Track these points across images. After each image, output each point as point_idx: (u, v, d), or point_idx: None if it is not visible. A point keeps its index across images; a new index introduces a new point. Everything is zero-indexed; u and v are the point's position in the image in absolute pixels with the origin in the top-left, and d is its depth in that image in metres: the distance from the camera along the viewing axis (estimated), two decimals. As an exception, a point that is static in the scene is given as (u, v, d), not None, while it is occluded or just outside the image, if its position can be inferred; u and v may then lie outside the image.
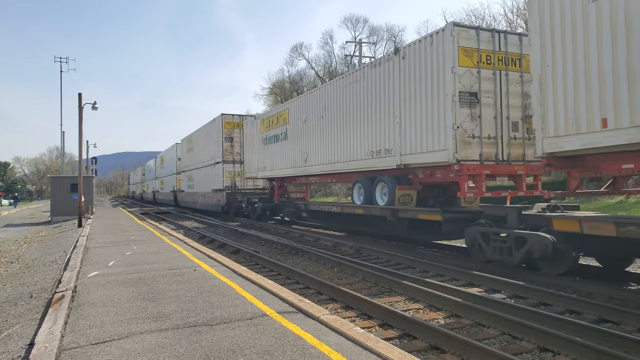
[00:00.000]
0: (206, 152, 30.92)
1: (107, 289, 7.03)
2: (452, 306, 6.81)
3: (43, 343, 4.65)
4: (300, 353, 4.20)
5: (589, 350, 4.85)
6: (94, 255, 10.76)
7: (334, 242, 14.27)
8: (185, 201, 37.53)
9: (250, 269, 9.42)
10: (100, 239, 14.23)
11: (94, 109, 24.51)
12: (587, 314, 6.49)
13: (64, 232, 19.77)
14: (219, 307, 5.84)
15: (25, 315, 6.27)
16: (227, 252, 13.08)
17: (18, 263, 12.49)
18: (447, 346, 5.24)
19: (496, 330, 5.88)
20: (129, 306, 5.98)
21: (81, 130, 22.76)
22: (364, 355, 4.15)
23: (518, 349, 5.26)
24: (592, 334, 5.39)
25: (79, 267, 9.06)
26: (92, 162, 51.63)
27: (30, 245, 17.05)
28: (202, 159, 31.80)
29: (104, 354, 4.29)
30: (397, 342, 5.52)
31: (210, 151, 29.82)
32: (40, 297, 7.30)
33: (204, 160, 31.37)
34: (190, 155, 35.94)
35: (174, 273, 8.22)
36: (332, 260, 10.88)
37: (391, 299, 7.59)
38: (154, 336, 4.76)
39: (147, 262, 9.55)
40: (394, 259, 11.21)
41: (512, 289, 7.89)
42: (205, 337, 4.69)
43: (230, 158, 27.55)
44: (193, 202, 34.62)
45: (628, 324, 6.00)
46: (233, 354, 4.21)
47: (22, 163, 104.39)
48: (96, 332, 4.93)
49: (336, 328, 4.86)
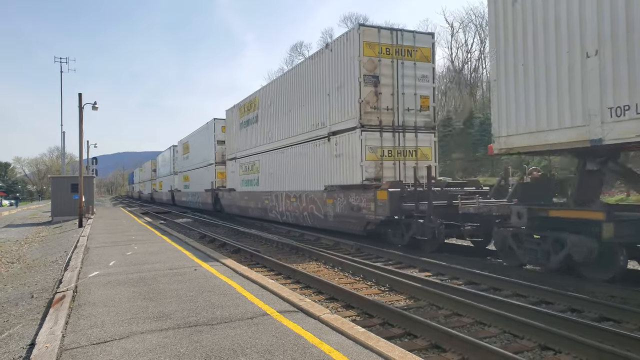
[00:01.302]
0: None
1: (108, 289, 7.03)
2: (452, 304, 6.81)
3: (44, 343, 4.65)
4: (301, 352, 4.20)
5: (591, 349, 4.84)
6: (95, 255, 10.77)
7: (335, 241, 14.27)
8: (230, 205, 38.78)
9: (251, 268, 9.43)
10: (101, 239, 14.24)
11: (94, 109, 24.52)
12: (588, 313, 6.49)
13: (64, 232, 19.78)
14: (219, 306, 5.84)
15: (26, 316, 6.27)
16: (227, 252, 13.09)
17: (19, 263, 12.50)
18: (448, 345, 5.23)
19: (497, 328, 5.87)
20: (130, 306, 5.98)
21: (81, 130, 22.77)
22: (365, 354, 4.15)
23: (519, 348, 5.25)
24: (594, 332, 5.38)
25: (79, 267, 9.07)
26: (93, 162, 51.60)
27: (31, 245, 17.06)
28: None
29: (105, 354, 4.29)
30: (398, 341, 5.52)
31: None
32: (41, 297, 7.30)
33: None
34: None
35: (174, 273, 8.22)
36: (333, 259, 10.88)
37: (392, 298, 7.59)
38: (154, 336, 4.76)
39: (148, 261, 9.55)
40: (394, 258, 11.21)
41: (513, 287, 7.88)
42: (206, 337, 4.69)
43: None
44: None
45: (629, 322, 5.99)
46: (234, 354, 4.21)
47: (23, 163, 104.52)
48: (97, 332, 4.93)
49: (337, 327, 4.86)
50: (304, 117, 17.53)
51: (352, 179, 14.14)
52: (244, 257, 12.17)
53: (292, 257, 12.14)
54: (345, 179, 14.50)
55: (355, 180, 13.89)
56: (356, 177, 13.91)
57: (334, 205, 14.88)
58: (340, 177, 14.84)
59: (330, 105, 15.47)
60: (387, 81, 14.14)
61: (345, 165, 14.59)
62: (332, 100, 15.32)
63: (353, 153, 14.07)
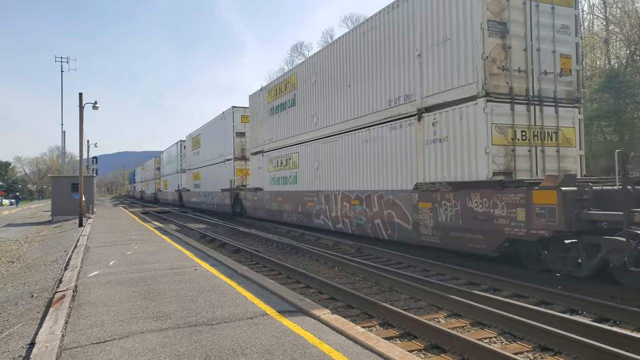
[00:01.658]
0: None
1: (107, 289, 7.04)
2: (452, 305, 6.81)
3: (44, 342, 4.65)
4: (301, 352, 4.20)
5: (590, 349, 4.84)
6: (95, 254, 10.77)
7: (335, 241, 14.27)
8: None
9: (250, 268, 9.44)
10: (101, 239, 14.24)
11: (94, 109, 24.54)
12: (587, 313, 6.49)
13: (64, 232, 19.78)
14: (219, 306, 5.84)
15: (26, 315, 6.27)
16: (227, 252, 13.09)
17: (19, 262, 12.50)
18: (448, 345, 5.23)
19: (497, 329, 5.87)
20: (130, 306, 5.98)
21: (82, 130, 22.77)
22: (365, 354, 4.15)
23: (519, 348, 5.25)
24: (593, 332, 5.38)
25: (79, 266, 9.07)
26: (93, 162, 51.66)
27: (31, 244, 17.06)
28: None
29: (104, 354, 4.29)
30: (398, 341, 5.52)
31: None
32: (41, 296, 7.30)
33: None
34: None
35: (174, 272, 8.23)
36: (333, 259, 10.88)
37: (392, 298, 7.59)
38: (154, 335, 4.76)
39: (148, 261, 9.55)
40: (394, 258, 11.21)
41: (513, 288, 7.88)
42: (206, 337, 4.69)
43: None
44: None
45: (629, 323, 5.99)
46: (234, 354, 4.21)
47: (23, 163, 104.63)
48: (97, 332, 4.93)
49: (337, 327, 4.86)
50: (373, 91, 13.25)
51: (467, 173, 9.98)
52: (244, 257, 12.18)
53: (292, 257, 12.15)
54: (455, 173, 10.28)
55: (477, 175, 9.73)
56: (477, 169, 9.76)
57: (435, 211, 10.51)
58: (444, 171, 10.58)
59: (424, 69, 11.25)
60: (518, 31, 10.05)
61: (452, 153, 10.40)
62: (427, 61, 11.11)
63: (469, 135, 9.94)
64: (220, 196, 27.50)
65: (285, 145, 19.43)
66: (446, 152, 10.57)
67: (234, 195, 25.29)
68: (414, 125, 11.55)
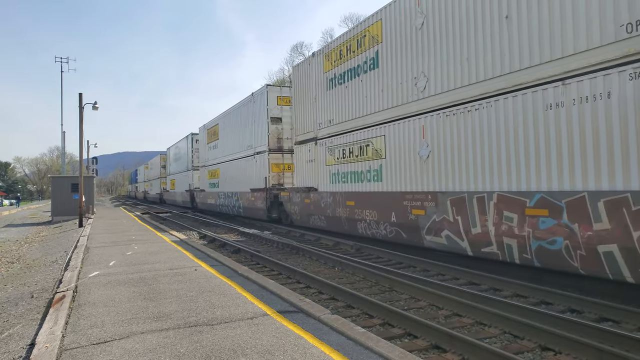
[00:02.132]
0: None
1: (108, 289, 7.04)
2: (453, 305, 6.81)
3: (44, 343, 4.65)
4: (301, 353, 4.20)
5: (590, 349, 4.84)
6: (95, 255, 10.77)
7: (335, 241, 14.27)
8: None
9: (251, 268, 9.44)
10: (101, 239, 14.24)
11: (94, 109, 24.55)
12: (588, 313, 6.49)
13: (64, 232, 19.78)
14: (219, 306, 5.84)
15: (26, 315, 6.27)
16: (227, 252, 13.09)
17: (19, 263, 12.49)
18: (449, 345, 5.24)
19: (497, 329, 5.87)
20: (130, 306, 5.98)
21: (82, 130, 22.78)
22: (365, 354, 4.14)
23: (519, 348, 5.25)
24: (593, 332, 5.38)
25: (79, 267, 9.07)
26: (93, 162, 51.72)
27: (31, 245, 17.06)
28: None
29: (105, 354, 4.29)
30: (398, 342, 5.52)
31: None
32: (41, 297, 7.30)
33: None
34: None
35: (174, 273, 8.23)
36: (333, 259, 10.88)
37: (392, 298, 7.59)
38: (155, 336, 4.76)
39: (148, 261, 9.55)
40: (394, 259, 11.21)
41: (513, 288, 7.88)
42: (206, 337, 4.68)
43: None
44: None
45: (629, 323, 6.00)
46: (234, 354, 4.21)
47: (23, 163, 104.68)
48: (97, 332, 4.93)
49: (337, 327, 4.86)
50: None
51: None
52: (244, 257, 12.18)
53: (292, 258, 12.15)
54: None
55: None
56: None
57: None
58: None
59: None
60: None
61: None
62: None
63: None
64: (250, 198, 21.96)
65: (357, 128, 13.70)
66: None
67: (271, 197, 19.87)
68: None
